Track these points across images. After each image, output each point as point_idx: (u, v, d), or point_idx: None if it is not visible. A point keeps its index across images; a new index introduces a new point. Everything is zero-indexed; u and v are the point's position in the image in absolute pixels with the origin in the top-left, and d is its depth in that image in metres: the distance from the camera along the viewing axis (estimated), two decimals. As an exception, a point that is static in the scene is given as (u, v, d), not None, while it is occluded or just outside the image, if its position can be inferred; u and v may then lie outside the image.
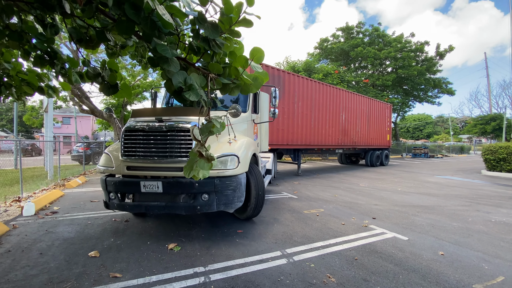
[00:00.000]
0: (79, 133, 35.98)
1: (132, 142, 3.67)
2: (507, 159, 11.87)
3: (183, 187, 3.54)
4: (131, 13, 1.52)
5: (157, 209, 3.60)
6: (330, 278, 2.68)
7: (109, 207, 3.88)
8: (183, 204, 3.64)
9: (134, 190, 3.72)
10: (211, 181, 3.57)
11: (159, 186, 3.57)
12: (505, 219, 4.95)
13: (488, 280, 2.71)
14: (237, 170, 3.70)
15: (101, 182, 3.93)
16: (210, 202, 3.61)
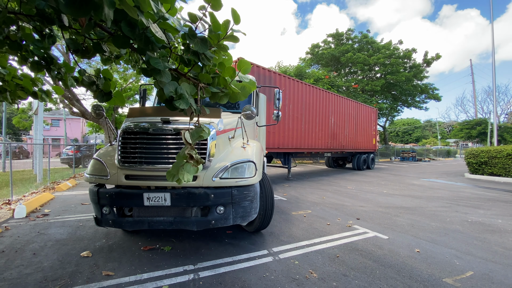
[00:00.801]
0: (69, 136, 35.44)
1: (132, 147, 3.11)
2: (488, 162, 12.39)
3: (196, 199, 3.06)
4: (127, 30, 1.68)
5: (163, 225, 3.10)
6: (312, 273, 2.87)
7: (101, 224, 3.21)
8: (194, 219, 3.15)
9: (135, 204, 3.12)
10: (228, 192, 3.15)
11: (166, 199, 3.07)
12: (481, 219, 5.25)
13: (458, 275, 2.94)
14: (255, 179, 3.31)
15: (90, 194, 3.26)
16: (226, 215, 3.17)
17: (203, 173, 3.13)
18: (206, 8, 1.73)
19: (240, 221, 3.28)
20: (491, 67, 16.22)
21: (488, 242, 3.96)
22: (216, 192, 3.11)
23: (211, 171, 3.15)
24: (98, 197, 3.16)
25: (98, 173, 3.27)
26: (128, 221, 3.13)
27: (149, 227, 3.11)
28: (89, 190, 3.31)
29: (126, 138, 3.12)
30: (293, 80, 10.73)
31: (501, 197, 7.73)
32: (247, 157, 3.37)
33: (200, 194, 3.06)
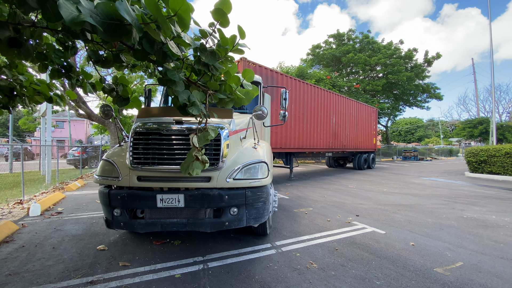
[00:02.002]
0: (73, 137, 35.88)
1: (144, 147, 3.08)
2: (487, 161, 12.54)
3: (210, 200, 3.06)
4: (147, 46, 1.92)
5: (176, 227, 3.10)
6: (312, 264, 3.10)
7: (112, 226, 3.21)
8: (208, 220, 3.15)
9: (148, 205, 3.08)
10: (242, 193, 3.16)
11: (180, 200, 3.05)
12: (476, 215, 5.45)
13: (448, 265, 3.15)
14: (268, 179, 3.34)
15: (100, 196, 3.24)
16: (240, 217, 3.18)
17: (217, 174, 3.14)
18: (215, 25, 1.97)
19: (253, 222, 3.29)
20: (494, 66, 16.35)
21: (480, 236, 4.17)
22: (230, 193, 3.11)
23: (225, 172, 3.16)
24: (109, 199, 3.12)
25: (108, 175, 3.26)
26: (140, 223, 3.11)
27: (162, 229, 3.09)
28: (99, 191, 3.27)
29: (138, 139, 3.09)
30: (295, 80, 10.85)
31: (498, 195, 7.91)
32: (259, 157, 3.37)
33: (214, 195, 3.05)
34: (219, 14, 1.87)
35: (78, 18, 1.31)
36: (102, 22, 1.42)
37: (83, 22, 1.34)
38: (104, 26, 1.42)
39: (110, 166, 3.30)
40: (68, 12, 1.30)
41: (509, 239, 4.04)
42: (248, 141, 3.74)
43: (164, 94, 5.39)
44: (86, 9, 1.36)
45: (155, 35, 1.61)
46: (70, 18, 1.30)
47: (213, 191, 3.08)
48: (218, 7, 1.85)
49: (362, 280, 2.75)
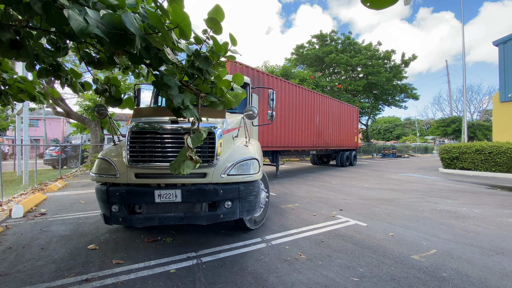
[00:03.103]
0: (49, 136, 34.26)
1: (141, 146, 3.23)
2: (459, 157, 13.40)
3: (205, 195, 3.24)
4: (144, 53, 2.00)
5: (173, 220, 3.25)
6: (301, 255, 3.29)
7: (110, 222, 3.32)
8: (204, 213, 3.34)
9: (146, 201, 3.22)
10: (235, 187, 3.38)
11: (177, 195, 3.21)
12: (448, 208, 5.89)
13: (423, 252, 3.45)
14: (259, 175, 3.58)
15: (98, 193, 3.34)
16: (234, 210, 3.39)
17: (212, 170, 3.34)
18: (208, 32, 2.08)
19: (246, 214, 3.53)
20: (466, 68, 17.41)
21: (452, 226, 4.54)
22: (225, 188, 3.32)
23: (219, 169, 3.36)
24: (107, 196, 3.23)
25: (105, 172, 3.37)
26: (138, 218, 3.24)
27: (159, 223, 3.22)
28: (97, 189, 3.39)
29: (134, 138, 3.23)
30: (280, 80, 11.11)
31: (469, 189, 8.53)
32: (250, 155, 3.61)
33: (210, 190, 3.25)
34: (212, 22, 1.98)
35: (87, 29, 1.39)
36: (108, 32, 1.50)
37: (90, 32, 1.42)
38: (109, 36, 1.50)
39: (107, 164, 3.40)
40: (77, 23, 1.37)
41: (478, 228, 4.44)
42: (239, 140, 3.95)
43: (155, 95, 5.42)
44: (93, 19, 1.44)
45: (156, 44, 1.70)
46: (79, 28, 1.38)
47: (208, 186, 3.27)
48: (211, 16, 1.95)
49: (347, 268, 2.97)
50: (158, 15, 1.57)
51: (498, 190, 8.43)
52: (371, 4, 1.02)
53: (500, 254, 3.39)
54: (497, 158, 12.03)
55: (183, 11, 1.68)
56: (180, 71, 2.58)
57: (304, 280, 2.70)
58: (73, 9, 1.42)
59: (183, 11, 1.68)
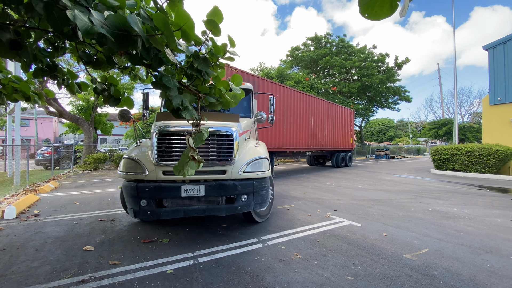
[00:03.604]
0: (40, 136, 33.70)
1: (167, 147, 3.62)
2: (450, 159, 13.67)
3: (226, 189, 3.67)
4: (144, 53, 2.03)
5: (197, 212, 3.62)
6: (296, 255, 3.34)
7: (139, 215, 3.61)
8: (224, 206, 3.75)
9: (173, 195, 3.58)
10: (250, 183, 3.82)
11: (201, 190, 3.60)
12: (439, 208, 6.03)
13: (415, 251, 3.53)
14: (269, 172, 4.07)
15: (127, 189, 3.61)
16: (249, 202, 3.83)
17: (231, 168, 3.82)
18: (207, 33, 2.11)
19: (259, 207, 3.96)
20: (457, 71, 17.78)
21: (443, 226, 4.66)
22: (242, 183, 3.77)
23: (237, 166, 3.84)
24: (137, 191, 3.53)
25: (133, 171, 3.70)
26: (166, 211, 3.57)
27: (184, 215, 3.59)
28: (125, 186, 3.68)
29: (161, 139, 3.62)
30: (275, 84, 11.33)
31: (459, 190, 8.73)
32: (261, 154, 4.07)
33: (230, 185, 3.68)
34: (211, 24, 2.02)
35: (92, 29, 1.42)
36: (112, 32, 1.52)
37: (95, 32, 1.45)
38: (113, 36, 1.53)
39: (134, 163, 3.74)
40: (82, 23, 1.40)
41: (468, 228, 4.56)
42: (250, 141, 4.41)
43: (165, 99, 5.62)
44: (97, 20, 1.47)
45: (158, 45, 1.73)
46: (84, 28, 1.41)
47: (228, 182, 3.72)
48: (210, 18, 1.99)
49: (341, 267, 3.03)
50: (164, 16, 1.60)
51: (487, 191, 8.64)
52: (369, 15, 1.07)
53: (489, 253, 3.50)
54: (486, 160, 12.31)
55: (187, 13, 1.70)
56: (179, 72, 2.61)
57: (300, 280, 2.75)
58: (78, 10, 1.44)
59: (187, 13, 1.70)
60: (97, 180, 10.65)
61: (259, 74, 24.97)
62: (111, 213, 5.32)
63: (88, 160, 14.05)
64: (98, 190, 8.21)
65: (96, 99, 15.81)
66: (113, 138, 41.44)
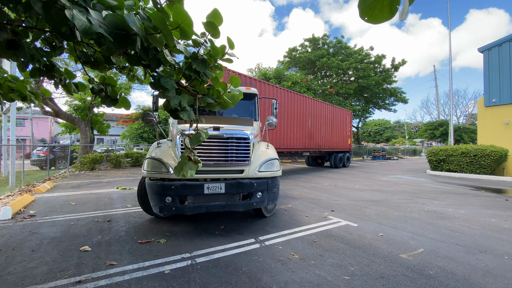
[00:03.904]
0: (36, 136, 33.40)
1: None
2: (446, 160, 13.80)
3: (243, 187, 4.05)
4: (143, 54, 2.03)
5: (217, 208, 3.96)
6: (294, 255, 3.35)
7: (164, 211, 3.89)
8: (241, 202, 4.14)
9: (197, 193, 3.90)
10: (265, 181, 4.22)
11: (222, 187, 3.95)
12: (435, 208, 6.09)
13: (411, 251, 3.57)
14: (280, 172, 4.52)
15: (152, 187, 3.87)
16: (263, 199, 4.21)
17: (248, 167, 4.22)
18: (206, 35, 2.12)
19: (270, 203, 4.38)
20: (453, 73, 17.97)
21: (438, 226, 4.71)
22: (257, 181, 4.16)
23: (253, 166, 4.24)
24: (163, 189, 3.81)
25: (158, 170, 3.95)
26: (189, 206, 3.90)
27: (206, 210, 3.91)
28: (150, 184, 3.92)
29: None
30: (272, 86, 11.47)
31: (455, 190, 8.82)
32: (272, 156, 4.48)
33: (247, 183, 4.06)
34: (211, 26, 2.02)
35: (91, 29, 1.43)
36: (110, 32, 1.53)
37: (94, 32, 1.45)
38: (112, 35, 1.53)
39: (158, 163, 3.99)
40: (81, 23, 1.41)
41: (463, 228, 4.61)
42: (262, 144, 4.80)
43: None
44: (95, 19, 1.48)
45: (157, 44, 1.74)
46: (82, 28, 1.41)
47: (245, 180, 4.10)
48: (210, 20, 2.00)
49: (338, 267, 3.06)
50: (161, 15, 1.61)
51: (482, 191, 8.74)
52: (369, 18, 1.09)
53: (483, 253, 3.55)
54: (481, 161, 12.45)
55: (185, 11, 1.71)
56: (177, 73, 2.62)
57: (297, 279, 2.77)
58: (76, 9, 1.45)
59: (185, 11, 1.71)
60: (93, 180, 10.59)
61: (257, 75, 25.00)
62: (108, 214, 5.29)
63: (84, 160, 13.96)
64: (94, 190, 8.17)
65: (93, 99, 15.71)
66: (109, 138, 41.19)
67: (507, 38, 13.41)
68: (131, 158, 16.48)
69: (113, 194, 7.44)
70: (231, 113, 5.71)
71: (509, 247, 3.75)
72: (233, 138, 4.12)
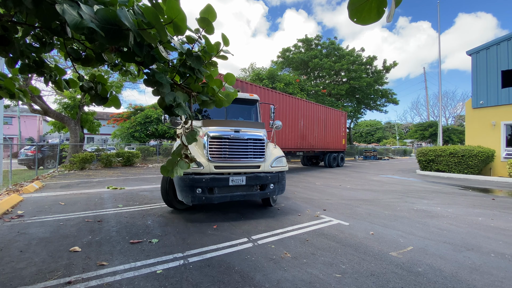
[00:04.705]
0: (23, 135, 32.58)
1: (217, 147, 4.69)
2: (435, 160, 14.10)
3: (260, 179, 4.85)
4: (137, 49, 2.01)
5: (239, 197, 4.71)
6: (286, 254, 3.38)
7: (195, 201, 4.46)
8: (258, 192, 4.96)
9: (223, 184, 4.60)
10: (276, 175, 5.06)
11: (243, 180, 4.71)
12: (424, 207, 6.22)
13: (401, 249, 3.64)
14: (287, 167, 5.37)
15: (184, 181, 4.45)
16: (275, 189, 5.05)
17: (263, 164, 5.03)
18: (200, 32, 2.12)
19: (280, 193, 5.21)
20: (442, 75, 18.36)
21: (427, 225, 4.81)
22: (271, 175, 4.99)
23: (267, 162, 5.07)
24: (195, 182, 4.44)
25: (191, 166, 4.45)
26: (216, 196, 4.58)
27: (230, 199, 4.67)
28: (182, 178, 4.45)
29: (213, 142, 4.69)
30: (263, 89, 11.74)
31: (443, 190, 9.02)
32: (280, 154, 5.35)
33: (263, 176, 4.88)
34: (204, 22, 2.02)
35: (82, 23, 1.41)
36: (102, 27, 1.51)
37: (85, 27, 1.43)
38: (103, 31, 1.51)
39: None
40: (71, 17, 1.39)
41: (451, 227, 4.73)
42: (270, 144, 5.58)
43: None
44: (87, 14, 1.46)
45: (151, 40, 1.73)
46: (73, 23, 1.39)
47: (262, 174, 4.91)
48: (203, 16, 1.99)
49: (330, 265, 3.10)
50: (154, 10, 1.59)
51: (469, 191, 8.97)
52: (358, 19, 1.12)
53: (470, 250, 3.65)
54: (469, 161, 12.77)
55: (178, 5, 1.69)
56: (171, 71, 2.60)
57: (289, 278, 2.79)
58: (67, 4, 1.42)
59: (178, 5, 1.69)
60: (83, 180, 10.40)
61: (250, 75, 25.00)
62: (99, 214, 5.22)
63: (74, 159, 13.68)
64: (84, 190, 8.03)
65: (83, 97, 15.42)
66: (100, 137, 40.52)
67: (495, 41, 13.79)
68: (122, 158, 16.25)
69: (103, 194, 7.33)
70: (237, 116, 6.30)
71: (495, 245, 3.86)
72: (252, 139, 4.92)
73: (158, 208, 5.74)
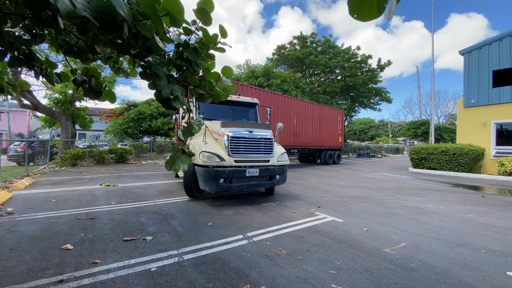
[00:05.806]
0: (13, 130, 31.84)
1: (235, 145, 5.63)
2: (427, 158, 14.31)
3: (269, 171, 5.93)
4: (132, 41, 1.96)
5: (252, 186, 5.78)
6: (281, 251, 3.39)
7: (218, 189, 5.34)
8: (267, 182, 6.01)
9: (241, 175, 5.56)
10: (281, 167, 6.16)
11: (257, 172, 5.73)
12: (417, 204, 6.31)
13: (394, 246, 3.69)
14: (288, 161, 6.49)
15: (208, 172, 5.29)
16: (279, 180, 6.13)
17: (272, 158, 6.05)
18: (197, 23, 2.07)
19: (283, 182, 6.32)
20: (435, 74, 18.58)
21: (419, 221, 4.88)
22: (278, 167, 6.11)
23: (275, 157, 6.12)
24: (218, 173, 5.33)
25: (213, 160, 5.39)
26: (235, 185, 5.55)
27: (246, 188, 5.74)
28: (206, 170, 5.33)
29: (233, 141, 5.63)
30: (255, 89, 12.00)
31: (435, 187, 9.17)
32: (283, 150, 6.47)
33: (272, 169, 5.97)
34: (202, 13, 1.96)
35: (75, 12, 1.35)
36: (96, 16, 1.45)
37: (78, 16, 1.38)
38: (97, 20, 1.46)
39: (212, 155, 5.43)
40: (64, 6, 1.33)
41: (443, 223, 4.81)
42: (274, 143, 6.36)
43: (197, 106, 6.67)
44: (79, 2, 1.40)
45: (146, 31, 1.68)
46: (66, 11, 1.33)
47: (271, 167, 5.99)
48: (201, 6, 1.94)
49: (324, 261, 3.11)
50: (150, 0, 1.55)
51: (460, 188, 9.14)
52: (358, 15, 1.10)
53: (461, 246, 3.72)
54: (460, 159, 13.00)
55: None
56: (167, 63, 2.55)
57: (284, 274, 2.80)
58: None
59: None
60: (75, 176, 10.23)
61: (245, 71, 24.90)
62: (91, 211, 5.14)
63: (65, 156, 13.44)
64: (76, 187, 7.90)
65: (75, 92, 15.11)
66: (92, 133, 39.89)
67: (487, 41, 14.00)
68: (115, 154, 16.03)
69: (96, 191, 7.23)
70: (241, 117, 7.27)
71: (485, 241, 3.94)
72: (263, 138, 5.92)
73: (152, 205, 5.69)
